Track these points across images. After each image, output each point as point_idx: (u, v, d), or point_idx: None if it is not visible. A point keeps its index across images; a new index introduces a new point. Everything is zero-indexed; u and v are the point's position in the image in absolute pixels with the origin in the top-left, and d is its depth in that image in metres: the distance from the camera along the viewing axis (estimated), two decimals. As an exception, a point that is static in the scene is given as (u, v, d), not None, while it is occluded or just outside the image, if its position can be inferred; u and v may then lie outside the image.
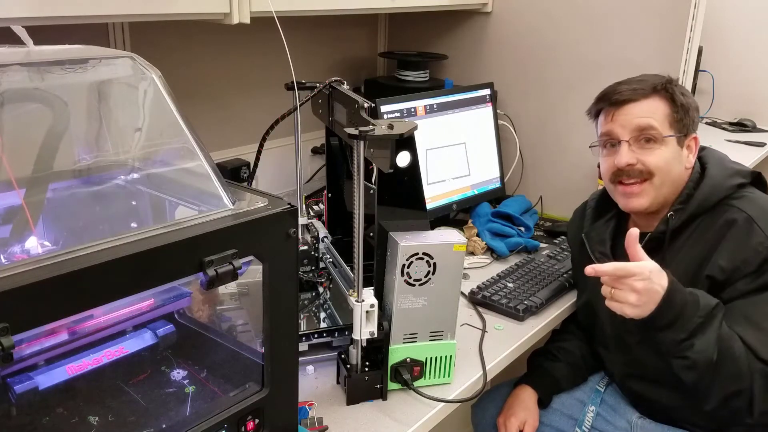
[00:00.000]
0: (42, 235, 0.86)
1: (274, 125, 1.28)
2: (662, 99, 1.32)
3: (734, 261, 1.23)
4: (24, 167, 0.85)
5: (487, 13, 2.02)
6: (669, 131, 1.31)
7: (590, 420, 1.48)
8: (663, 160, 1.30)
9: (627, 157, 1.31)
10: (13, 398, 0.82)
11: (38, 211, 0.86)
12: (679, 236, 1.32)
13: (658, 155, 1.30)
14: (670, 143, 1.31)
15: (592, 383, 1.55)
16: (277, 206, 0.88)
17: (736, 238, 1.24)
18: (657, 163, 1.30)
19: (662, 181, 1.31)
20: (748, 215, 1.24)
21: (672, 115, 1.31)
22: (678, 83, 1.35)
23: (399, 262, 1.10)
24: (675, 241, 1.33)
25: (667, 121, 1.31)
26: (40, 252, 0.79)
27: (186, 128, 0.90)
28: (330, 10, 1.54)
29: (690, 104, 1.33)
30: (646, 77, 1.35)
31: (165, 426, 0.91)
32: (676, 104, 1.31)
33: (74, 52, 0.96)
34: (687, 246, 1.31)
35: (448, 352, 1.19)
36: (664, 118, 1.31)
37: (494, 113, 1.99)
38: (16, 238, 0.81)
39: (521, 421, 1.47)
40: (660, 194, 1.33)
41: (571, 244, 1.60)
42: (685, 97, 1.33)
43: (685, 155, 1.33)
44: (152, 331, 0.97)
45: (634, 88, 1.33)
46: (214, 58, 1.77)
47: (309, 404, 1.11)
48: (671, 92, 1.32)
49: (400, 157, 1.08)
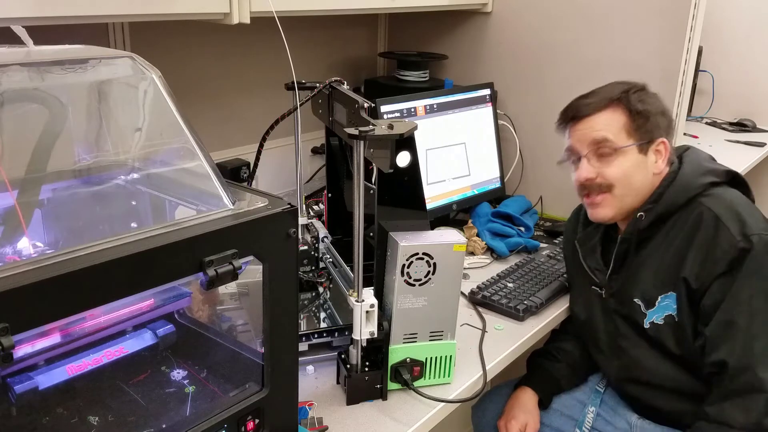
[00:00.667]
0: (41, 235, 0.86)
1: (274, 125, 1.28)
2: (617, 109, 1.32)
3: (705, 264, 1.23)
4: (24, 167, 0.85)
5: (487, 13, 2.02)
6: (627, 141, 1.30)
7: (590, 421, 1.48)
8: (621, 170, 1.31)
9: (586, 172, 1.33)
10: (13, 398, 0.82)
11: (32, 211, 0.85)
12: (652, 239, 1.32)
13: (616, 166, 1.31)
14: (629, 152, 1.31)
15: (591, 383, 1.55)
16: (277, 206, 0.88)
17: (704, 238, 1.24)
18: (615, 174, 1.31)
19: (624, 191, 1.32)
20: (714, 213, 1.24)
21: (629, 124, 1.31)
22: (642, 90, 1.34)
23: (399, 262, 1.10)
24: (647, 243, 1.33)
25: (624, 131, 1.31)
26: (32, 253, 0.79)
27: (186, 128, 0.90)
28: (330, 10, 1.54)
29: (650, 110, 1.32)
30: (606, 89, 1.36)
31: (165, 426, 0.91)
32: (632, 113, 1.31)
33: (74, 52, 0.96)
34: (661, 248, 1.31)
35: (448, 352, 1.19)
36: (620, 128, 1.31)
37: (494, 113, 1.99)
38: (8, 239, 0.81)
39: (522, 423, 1.47)
40: (624, 204, 1.33)
41: (564, 246, 1.60)
42: (644, 104, 1.32)
43: (651, 161, 1.32)
44: (152, 331, 0.97)
45: (588, 102, 1.34)
46: (214, 58, 1.77)
47: (309, 404, 1.11)
48: (627, 101, 1.32)
49: (400, 157, 1.08)
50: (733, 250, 1.20)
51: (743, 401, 1.18)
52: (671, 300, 1.29)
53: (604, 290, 1.40)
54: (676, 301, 1.28)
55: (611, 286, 1.39)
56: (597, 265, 1.41)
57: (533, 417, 1.48)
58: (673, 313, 1.29)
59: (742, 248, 1.20)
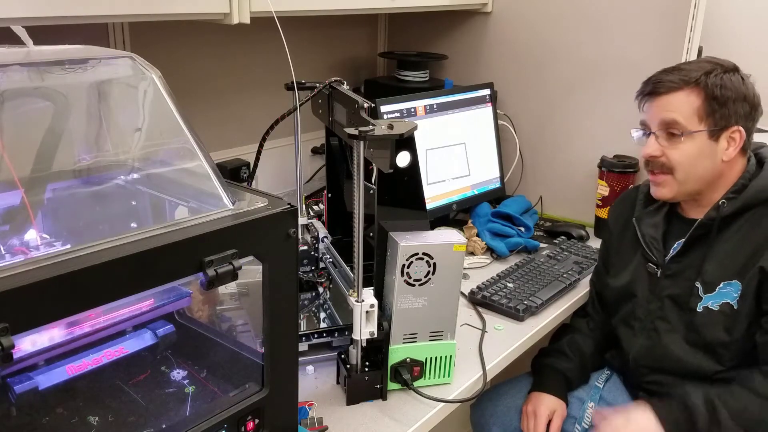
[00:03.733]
0: (41, 234, 0.86)
1: (274, 125, 1.28)
2: (694, 92, 1.29)
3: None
4: (24, 167, 0.85)
5: (487, 13, 2.02)
6: (698, 126, 1.29)
7: (589, 416, 1.48)
8: (685, 156, 1.30)
9: (651, 149, 1.33)
10: (13, 398, 0.82)
11: (38, 210, 0.86)
12: (730, 226, 1.32)
13: (681, 151, 1.30)
14: (698, 138, 1.29)
15: (591, 380, 1.55)
16: (277, 206, 0.88)
17: None
18: (678, 159, 1.31)
19: (685, 175, 1.32)
20: None
21: (703, 109, 1.29)
22: (728, 72, 1.31)
23: (399, 262, 1.10)
24: (725, 231, 1.32)
25: (696, 116, 1.29)
26: (41, 251, 0.79)
27: (186, 128, 0.90)
28: (330, 10, 1.54)
29: (729, 96, 1.29)
30: (690, 66, 1.33)
31: (165, 426, 0.91)
32: (708, 97, 1.29)
33: (74, 52, 0.96)
34: (738, 236, 1.30)
35: (447, 352, 1.19)
36: (692, 112, 1.29)
37: (494, 113, 1.99)
38: (15, 237, 0.81)
39: (551, 410, 1.45)
40: (685, 187, 1.33)
41: (612, 225, 1.57)
42: (723, 88, 1.29)
43: (722, 148, 1.30)
44: (152, 331, 0.97)
45: (668, 79, 1.31)
46: (214, 58, 1.77)
47: (309, 404, 1.11)
48: (705, 84, 1.29)
49: (400, 157, 1.08)
50: None
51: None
52: (733, 289, 1.29)
53: (660, 269, 1.40)
54: (740, 289, 1.28)
55: (670, 268, 1.38)
56: (657, 244, 1.41)
57: (561, 404, 1.47)
58: (732, 301, 1.29)
59: None
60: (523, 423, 1.48)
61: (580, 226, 1.91)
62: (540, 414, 1.45)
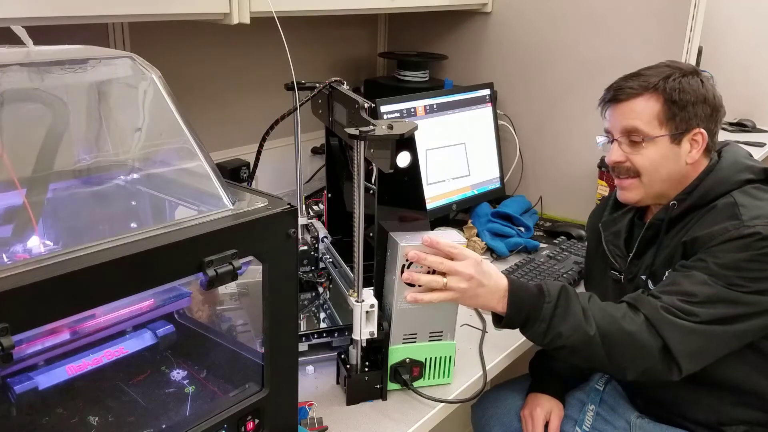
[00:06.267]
0: (42, 235, 0.86)
1: (274, 125, 1.28)
2: (653, 97, 1.29)
3: (702, 231, 1.22)
4: (24, 167, 0.85)
5: (487, 13, 2.02)
6: (659, 131, 1.29)
7: (590, 420, 1.48)
8: (649, 160, 1.30)
9: (615, 156, 1.33)
10: (13, 398, 0.82)
11: (38, 210, 0.86)
12: (676, 225, 1.32)
13: (644, 156, 1.30)
14: (660, 142, 1.30)
15: (591, 382, 1.55)
16: (277, 206, 0.88)
17: (714, 214, 1.24)
18: (642, 163, 1.31)
19: (651, 179, 1.32)
20: (735, 201, 1.24)
21: (663, 114, 1.29)
22: (686, 76, 1.30)
23: (399, 262, 1.10)
24: (671, 229, 1.33)
25: (657, 121, 1.29)
26: (42, 251, 0.79)
27: (186, 128, 0.90)
28: (330, 10, 1.54)
29: (688, 100, 1.29)
30: (649, 72, 1.32)
31: (165, 426, 0.91)
32: (667, 102, 1.29)
33: (74, 52, 0.96)
34: (681, 232, 1.31)
35: (447, 352, 1.19)
36: (652, 117, 1.29)
37: (494, 113, 1.99)
38: (17, 238, 0.81)
39: (547, 411, 1.46)
40: (651, 190, 1.33)
41: (588, 234, 1.58)
42: (682, 92, 1.29)
43: (685, 151, 1.31)
44: (152, 331, 0.97)
45: (627, 86, 1.32)
46: (214, 58, 1.77)
47: (309, 404, 1.11)
48: (664, 89, 1.29)
49: (400, 157, 1.08)
50: (734, 232, 1.19)
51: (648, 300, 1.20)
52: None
53: (623, 275, 1.40)
54: None
55: (630, 271, 1.38)
56: (619, 251, 1.41)
57: (557, 404, 1.47)
58: None
59: (745, 234, 1.19)
60: (524, 427, 1.48)
61: (580, 226, 1.91)
62: (536, 416, 1.45)
